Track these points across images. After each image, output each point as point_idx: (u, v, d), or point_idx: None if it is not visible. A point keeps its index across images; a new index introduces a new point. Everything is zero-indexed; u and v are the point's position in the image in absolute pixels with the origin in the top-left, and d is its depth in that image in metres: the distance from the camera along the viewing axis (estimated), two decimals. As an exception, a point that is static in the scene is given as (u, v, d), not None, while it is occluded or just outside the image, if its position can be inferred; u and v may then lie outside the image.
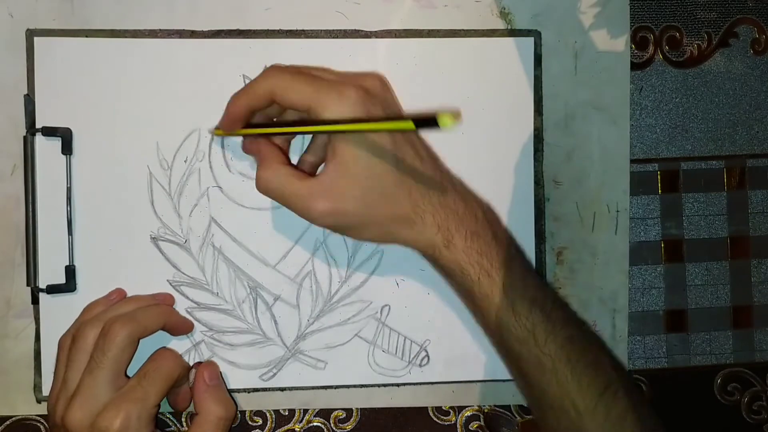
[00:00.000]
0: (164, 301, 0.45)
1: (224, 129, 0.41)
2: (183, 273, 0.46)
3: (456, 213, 0.40)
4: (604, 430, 0.39)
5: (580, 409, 0.39)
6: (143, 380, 0.39)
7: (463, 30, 0.47)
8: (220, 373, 0.44)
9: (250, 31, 0.46)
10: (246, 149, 0.43)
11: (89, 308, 0.44)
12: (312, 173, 0.43)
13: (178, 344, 0.45)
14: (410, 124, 0.33)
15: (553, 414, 0.40)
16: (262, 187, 0.40)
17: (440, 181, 0.40)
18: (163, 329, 0.43)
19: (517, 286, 0.40)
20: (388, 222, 0.39)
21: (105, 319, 0.41)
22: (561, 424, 0.39)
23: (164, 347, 0.44)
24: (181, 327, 0.45)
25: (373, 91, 0.39)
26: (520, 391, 0.43)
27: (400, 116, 0.34)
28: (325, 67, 0.44)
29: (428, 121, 0.32)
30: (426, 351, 0.47)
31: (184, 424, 0.46)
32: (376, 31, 0.46)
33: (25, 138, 0.44)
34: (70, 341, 0.41)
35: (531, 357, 0.39)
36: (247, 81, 0.45)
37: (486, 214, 0.41)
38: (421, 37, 0.47)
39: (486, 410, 0.48)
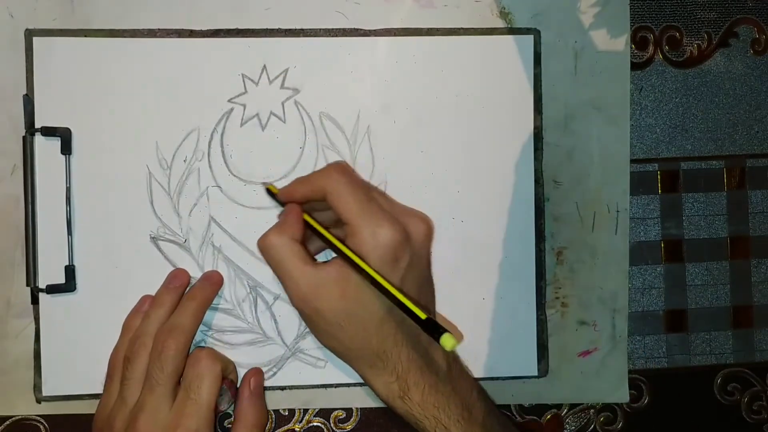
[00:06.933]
0: (213, 280, 0.45)
1: (280, 199, 0.43)
2: (183, 273, 0.46)
3: (420, 368, 0.40)
4: None
5: None
6: (190, 392, 0.40)
7: (463, 29, 0.47)
8: (263, 381, 0.45)
9: (249, 30, 0.46)
10: (284, 206, 0.43)
11: (128, 326, 0.44)
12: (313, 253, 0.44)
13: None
14: (423, 315, 0.36)
15: None
16: (264, 248, 0.40)
17: (417, 335, 0.40)
18: None
19: None
20: (353, 351, 0.40)
21: (151, 334, 0.42)
22: None
23: (198, 348, 0.43)
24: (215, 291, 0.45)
25: (414, 238, 0.41)
26: None
27: (418, 304, 0.37)
28: (382, 191, 0.46)
29: (436, 330, 0.35)
30: (426, 351, 0.47)
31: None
32: (375, 30, 0.46)
33: (24, 138, 0.44)
34: (123, 361, 0.42)
35: None
36: (247, 81, 0.46)
37: (450, 367, 0.42)
38: (421, 36, 0.47)
39: (486, 410, 0.48)
